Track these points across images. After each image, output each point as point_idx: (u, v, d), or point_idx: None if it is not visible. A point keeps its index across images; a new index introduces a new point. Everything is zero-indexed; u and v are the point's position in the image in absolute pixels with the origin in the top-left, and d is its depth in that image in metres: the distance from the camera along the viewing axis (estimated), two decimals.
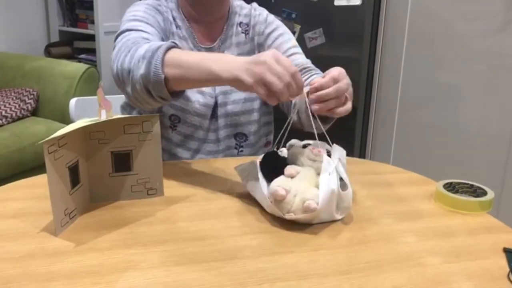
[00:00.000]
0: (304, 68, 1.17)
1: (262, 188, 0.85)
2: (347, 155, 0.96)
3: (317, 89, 0.89)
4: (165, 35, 1.17)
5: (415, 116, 2.32)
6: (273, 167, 0.89)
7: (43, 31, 3.36)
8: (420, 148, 2.34)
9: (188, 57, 0.95)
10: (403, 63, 2.32)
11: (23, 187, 0.98)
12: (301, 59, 1.22)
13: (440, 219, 0.89)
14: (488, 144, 2.09)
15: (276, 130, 1.35)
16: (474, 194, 0.96)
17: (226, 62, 0.90)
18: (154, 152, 0.92)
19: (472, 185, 0.98)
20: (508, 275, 0.71)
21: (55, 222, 0.78)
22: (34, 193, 0.95)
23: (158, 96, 0.97)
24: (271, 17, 1.30)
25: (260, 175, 0.87)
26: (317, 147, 0.90)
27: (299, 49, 1.26)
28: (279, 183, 0.83)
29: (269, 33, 1.27)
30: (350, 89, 0.97)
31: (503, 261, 0.75)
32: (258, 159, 0.91)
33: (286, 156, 0.95)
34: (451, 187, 0.98)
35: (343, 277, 0.69)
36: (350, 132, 2.47)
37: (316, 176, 0.85)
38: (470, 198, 0.93)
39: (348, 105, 0.95)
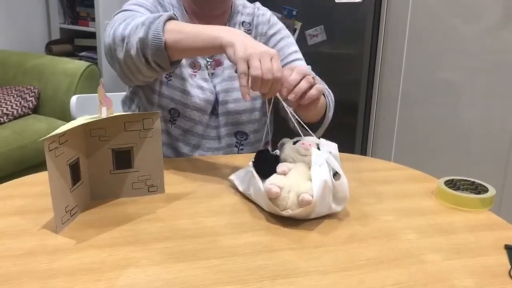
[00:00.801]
0: None
1: (259, 186, 0.85)
2: (348, 151, 0.96)
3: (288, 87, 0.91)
4: None
5: (417, 113, 2.32)
6: (266, 165, 0.89)
7: (44, 28, 3.36)
8: (421, 145, 2.33)
9: (189, 25, 0.97)
10: (404, 60, 2.31)
11: (24, 185, 0.98)
12: (301, 66, 1.21)
13: (441, 216, 0.89)
14: (490, 141, 2.08)
15: (277, 129, 1.35)
16: (475, 191, 0.96)
17: (228, 30, 0.93)
18: (155, 149, 0.92)
19: (473, 182, 0.98)
20: (509, 272, 0.71)
21: (56, 219, 0.78)
22: (35, 190, 0.95)
23: (155, 62, 0.97)
24: (274, 18, 1.30)
25: (254, 173, 0.87)
26: (307, 142, 0.91)
27: (300, 55, 1.27)
28: (272, 181, 0.83)
29: (272, 35, 1.27)
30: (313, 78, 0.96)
31: (504, 258, 0.75)
32: (251, 160, 0.92)
33: (278, 154, 0.95)
34: (452, 184, 0.98)
35: (344, 274, 0.69)
36: (351, 129, 2.47)
37: (309, 171, 0.86)
38: (471, 195, 0.93)
39: (317, 87, 0.94)
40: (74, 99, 1.48)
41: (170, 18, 0.98)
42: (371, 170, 1.12)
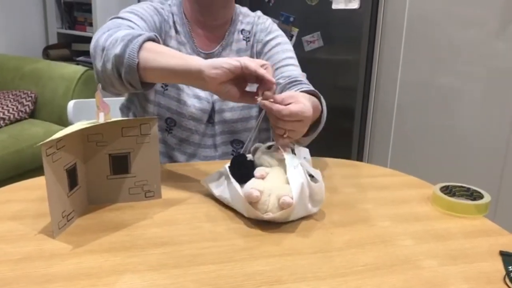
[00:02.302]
0: (295, 81, 1.14)
1: (238, 192, 0.85)
2: (345, 157, 0.98)
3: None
4: (160, 35, 1.17)
5: (413, 119, 2.33)
6: (243, 170, 0.89)
7: (41, 33, 3.37)
8: (417, 151, 2.34)
9: (167, 49, 0.96)
10: (401, 66, 2.32)
11: (20, 189, 0.98)
12: (295, 71, 1.21)
13: (437, 222, 0.89)
14: (485, 148, 2.09)
15: (273, 137, 1.35)
16: (471, 197, 0.97)
17: (197, 58, 0.92)
18: (152, 155, 0.92)
19: (468, 188, 0.98)
20: (505, 278, 0.71)
21: (53, 224, 0.78)
22: (31, 195, 0.95)
23: (127, 81, 0.96)
24: (274, 26, 1.30)
25: (232, 179, 0.88)
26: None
27: (295, 61, 1.25)
28: (252, 185, 0.83)
29: (268, 41, 1.26)
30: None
31: (499, 264, 0.75)
32: (226, 165, 0.92)
33: (252, 159, 0.96)
34: (448, 190, 0.98)
35: (341, 280, 0.69)
36: (347, 135, 2.48)
37: (285, 174, 0.87)
38: (466, 201, 0.93)
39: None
40: (71, 104, 1.48)
41: (151, 39, 0.96)
42: (367, 176, 1.12)
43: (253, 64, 0.86)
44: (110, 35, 0.99)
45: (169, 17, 1.21)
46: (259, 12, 1.32)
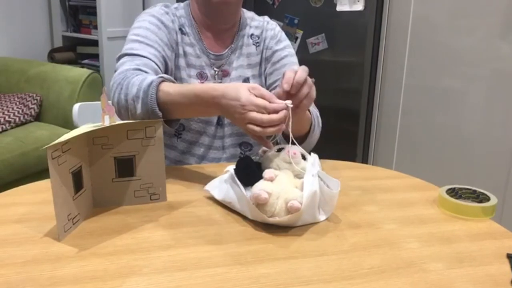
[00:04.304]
0: None
1: (243, 194, 0.85)
2: (350, 160, 0.98)
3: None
4: (170, 47, 1.18)
5: (418, 121, 2.32)
6: (249, 172, 0.89)
7: (46, 36, 3.38)
8: (422, 153, 2.33)
9: (176, 93, 0.99)
10: (406, 68, 2.32)
11: (26, 192, 0.98)
12: None
13: (443, 224, 0.89)
14: (491, 150, 2.08)
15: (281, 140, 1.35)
16: (477, 199, 0.96)
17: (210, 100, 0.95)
18: (157, 157, 0.92)
19: (474, 191, 0.98)
20: (511, 281, 0.71)
21: (58, 227, 0.78)
22: (37, 198, 0.95)
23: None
24: (283, 34, 1.31)
25: (237, 181, 0.87)
26: (292, 150, 0.92)
27: None
28: (261, 187, 0.83)
29: (277, 50, 1.27)
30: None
31: (506, 267, 0.75)
32: (231, 167, 0.92)
33: (259, 161, 0.96)
34: (453, 193, 0.98)
35: (347, 283, 0.69)
36: (352, 137, 2.47)
37: (294, 178, 0.88)
38: (473, 204, 0.93)
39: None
40: (76, 107, 1.48)
41: (158, 84, 1.00)
42: (373, 179, 1.12)
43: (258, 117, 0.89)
44: (126, 94, 1.02)
45: (175, 21, 1.21)
46: (267, 17, 1.33)
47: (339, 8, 2.37)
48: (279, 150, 0.94)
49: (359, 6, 2.32)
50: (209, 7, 1.19)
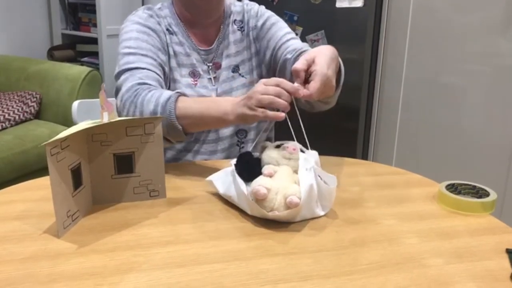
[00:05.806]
0: (302, 51, 1.18)
1: (242, 189, 0.85)
2: (350, 156, 0.98)
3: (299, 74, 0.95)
4: (163, 51, 1.18)
5: (418, 117, 2.32)
6: (249, 168, 0.89)
7: (46, 34, 3.38)
8: (422, 149, 2.33)
9: (194, 109, 1.03)
10: (405, 64, 2.31)
11: (26, 189, 0.98)
12: (297, 43, 1.24)
13: (442, 220, 0.89)
14: (491, 145, 2.08)
15: (276, 125, 1.35)
16: (477, 195, 0.96)
17: (226, 105, 1.01)
18: (156, 154, 0.92)
19: (474, 186, 0.98)
20: (511, 276, 0.71)
21: (58, 224, 0.78)
22: (36, 195, 0.95)
23: (176, 140, 1.08)
24: (262, 8, 1.32)
25: (236, 176, 0.88)
26: (291, 146, 0.92)
27: (293, 35, 1.28)
28: (259, 182, 0.83)
29: (262, 25, 1.28)
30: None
31: (505, 262, 0.75)
32: (232, 162, 0.92)
33: (259, 157, 0.96)
34: (453, 188, 0.98)
35: (346, 278, 0.69)
36: (352, 133, 2.47)
37: (294, 174, 0.88)
38: (472, 199, 0.93)
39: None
40: (75, 104, 1.48)
41: (176, 99, 1.03)
42: (373, 175, 1.12)
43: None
44: (141, 112, 1.04)
45: (161, 22, 1.21)
46: (245, 0, 1.33)
47: (338, 4, 2.37)
48: (278, 146, 0.94)
49: (359, 3, 2.32)
50: (192, 3, 1.20)
